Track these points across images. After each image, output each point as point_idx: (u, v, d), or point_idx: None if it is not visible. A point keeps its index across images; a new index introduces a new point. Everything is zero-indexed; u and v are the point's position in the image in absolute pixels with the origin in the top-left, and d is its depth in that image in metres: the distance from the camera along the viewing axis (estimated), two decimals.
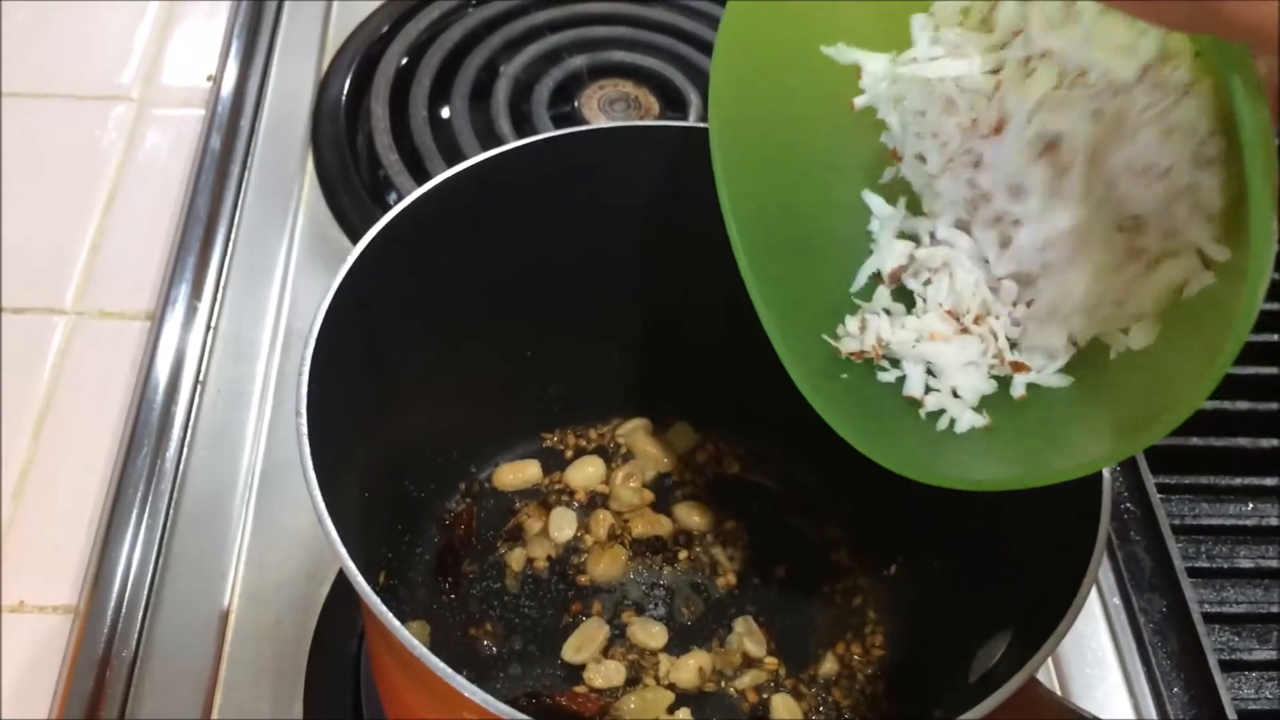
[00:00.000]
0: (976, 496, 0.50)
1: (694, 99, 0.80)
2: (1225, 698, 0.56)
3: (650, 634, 0.53)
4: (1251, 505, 0.65)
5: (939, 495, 0.52)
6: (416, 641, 0.34)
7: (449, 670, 0.34)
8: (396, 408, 0.49)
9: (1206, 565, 0.62)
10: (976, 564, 0.47)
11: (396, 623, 0.34)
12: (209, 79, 0.80)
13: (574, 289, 0.54)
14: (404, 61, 0.80)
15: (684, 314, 0.57)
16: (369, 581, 0.36)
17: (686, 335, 0.58)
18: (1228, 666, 0.58)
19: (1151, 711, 0.56)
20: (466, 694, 0.34)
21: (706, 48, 0.84)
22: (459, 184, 0.45)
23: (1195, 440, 0.67)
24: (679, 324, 0.57)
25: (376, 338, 0.45)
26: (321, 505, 0.36)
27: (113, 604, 0.54)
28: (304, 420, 0.38)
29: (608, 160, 0.49)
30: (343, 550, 0.35)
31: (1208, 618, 0.59)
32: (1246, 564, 0.62)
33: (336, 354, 0.41)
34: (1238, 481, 0.65)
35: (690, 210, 0.52)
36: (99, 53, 0.81)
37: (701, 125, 0.47)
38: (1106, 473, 0.40)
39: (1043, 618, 0.38)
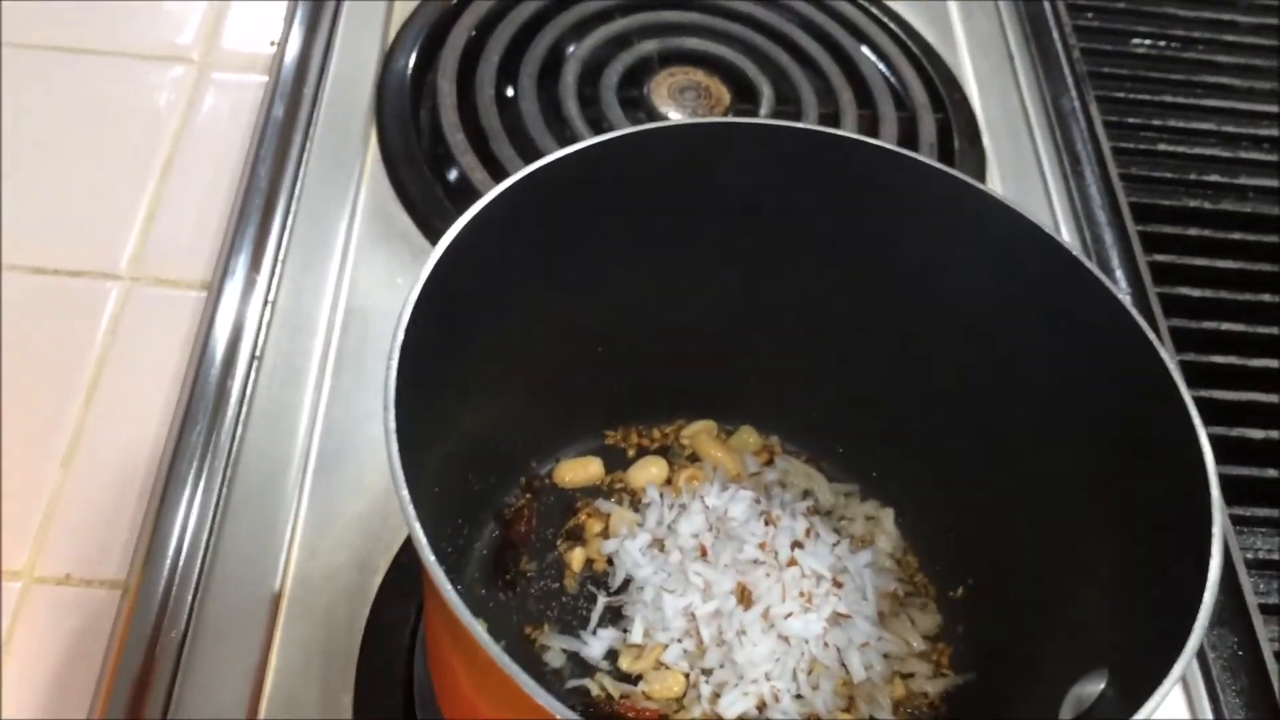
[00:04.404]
0: (1054, 525, 0.48)
1: (766, 90, 0.78)
2: None
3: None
4: None
5: (1011, 517, 0.51)
6: (488, 638, 0.33)
7: (518, 670, 0.32)
8: (468, 395, 0.48)
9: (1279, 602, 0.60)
10: (1065, 597, 0.46)
11: (470, 618, 0.33)
12: (272, 44, 0.78)
13: (650, 288, 0.53)
14: (472, 35, 0.78)
15: (755, 319, 0.55)
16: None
17: (755, 340, 0.56)
18: None
19: None
20: (539, 700, 0.32)
21: (780, 38, 0.82)
22: (563, 168, 0.43)
23: (1271, 472, 0.65)
24: (750, 329, 0.56)
25: (458, 320, 0.43)
26: (406, 495, 0.35)
27: (164, 581, 0.52)
28: (392, 415, 0.36)
29: (704, 158, 0.47)
30: (423, 539, 0.34)
31: None
32: None
33: (421, 336, 0.39)
34: None
35: (776, 218, 0.51)
36: (160, 10, 0.80)
37: (796, 125, 0.46)
38: (1218, 515, 0.38)
39: (1147, 660, 0.36)
